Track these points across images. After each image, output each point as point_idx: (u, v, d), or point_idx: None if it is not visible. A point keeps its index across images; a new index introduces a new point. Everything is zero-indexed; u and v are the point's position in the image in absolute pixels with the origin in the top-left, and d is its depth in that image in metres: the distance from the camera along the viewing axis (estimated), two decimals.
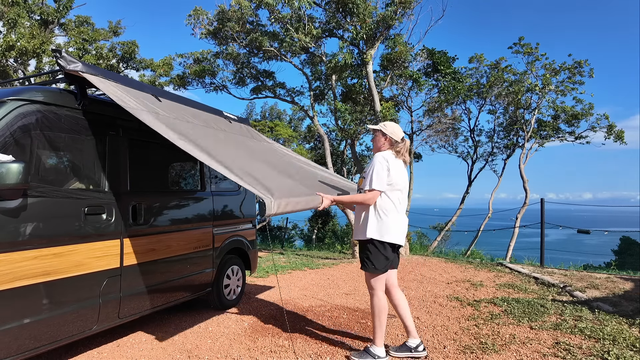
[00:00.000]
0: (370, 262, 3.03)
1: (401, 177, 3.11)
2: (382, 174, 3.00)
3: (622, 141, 13.90)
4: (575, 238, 53.79)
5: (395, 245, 3.09)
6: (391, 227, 3.02)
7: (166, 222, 3.65)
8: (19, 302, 2.45)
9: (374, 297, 3.08)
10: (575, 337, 3.56)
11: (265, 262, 8.09)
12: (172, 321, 4.11)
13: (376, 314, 3.07)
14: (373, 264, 3.02)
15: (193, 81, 11.92)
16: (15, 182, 2.30)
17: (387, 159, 3.05)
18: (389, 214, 3.03)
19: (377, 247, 3.02)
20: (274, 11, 8.95)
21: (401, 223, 3.10)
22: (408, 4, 8.72)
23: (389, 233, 3.01)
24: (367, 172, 3.09)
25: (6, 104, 2.55)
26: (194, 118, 3.67)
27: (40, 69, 12.00)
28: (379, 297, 3.07)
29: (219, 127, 3.98)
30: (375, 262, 3.02)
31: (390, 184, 3.04)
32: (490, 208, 15.59)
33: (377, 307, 3.07)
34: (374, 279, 3.07)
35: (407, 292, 5.38)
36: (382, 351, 3.09)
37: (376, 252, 3.03)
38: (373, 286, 3.08)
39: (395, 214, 3.06)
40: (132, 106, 2.85)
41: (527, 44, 13.66)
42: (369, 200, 3.02)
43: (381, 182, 2.99)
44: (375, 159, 3.07)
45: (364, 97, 11.20)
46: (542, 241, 7.52)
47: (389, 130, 3.17)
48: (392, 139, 3.17)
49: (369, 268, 3.04)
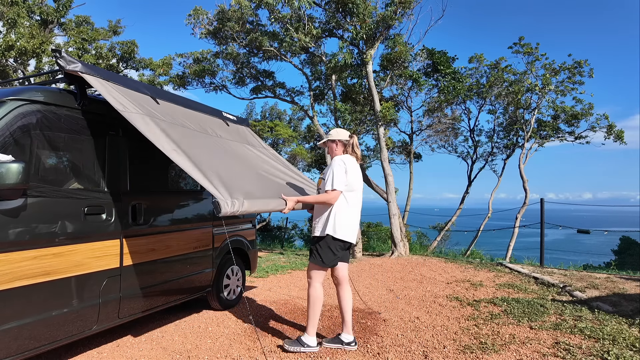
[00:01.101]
0: (319, 255, 3.22)
1: (356, 178, 3.32)
2: (341, 175, 3.20)
3: (622, 141, 13.89)
4: (573, 238, 53.81)
5: (346, 242, 3.27)
6: (344, 226, 3.22)
7: (166, 222, 3.65)
8: (19, 302, 2.44)
9: (311, 287, 3.26)
10: (575, 337, 3.56)
11: (265, 262, 8.09)
12: (172, 321, 4.11)
13: (311, 303, 3.25)
14: (321, 258, 3.21)
15: (193, 81, 11.92)
16: (15, 182, 2.30)
17: (344, 162, 3.26)
18: (343, 213, 3.23)
19: (329, 243, 3.21)
20: (274, 11, 8.95)
21: (354, 222, 3.31)
22: (408, 4, 8.73)
23: (342, 231, 3.21)
24: (326, 173, 3.29)
25: (6, 104, 2.55)
26: (190, 122, 3.68)
27: (40, 68, 12.00)
28: (316, 287, 3.25)
29: (214, 132, 3.98)
30: (324, 256, 3.21)
31: (347, 185, 3.23)
32: (490, 208, 15.59)
33: (313, 297, 3.24)
34: (315, 271, 3.26)
35: (407, 292, 5.38)
36: (313, 340, 3.27)
37: (326, 248, 3.22)
38: (312, 276, 3.27)
39: (349, 214, 3.26)
40: (126, 110, 2.86)
41: (527, 44, 13.66)
42: (331, 200, 3.20)
43: (340, 182, 3.19)
44: (334, 161, 3.28)
45: (363, 97, 11.20)
46: (542, 241, 7.52)
47: (341, 135, 3.41)
48: (341, 141, 3.40)
49: (316, 260, 3.23)
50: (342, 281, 3.40)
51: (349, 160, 3.30)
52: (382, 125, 9.44)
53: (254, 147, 4.59)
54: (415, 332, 3.77)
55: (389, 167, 9.44)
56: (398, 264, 7.66)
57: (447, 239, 17.29)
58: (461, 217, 16.28)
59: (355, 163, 3.36)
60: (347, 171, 3.23)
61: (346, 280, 3.42)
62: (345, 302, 3.38)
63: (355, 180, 3.30)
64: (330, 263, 3.25)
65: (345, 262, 3.41)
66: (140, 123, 2.86)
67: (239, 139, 4.46)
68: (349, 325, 3.38)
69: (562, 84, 13.81)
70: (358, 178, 3.34)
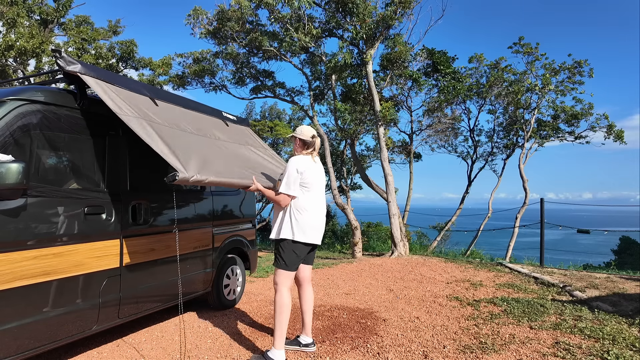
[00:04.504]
0: (282, 259, 3.13)
1: (316, 178, 3.25)
2: (292, 179, 3.15)
3: (622, 141, 13.90)
4: (571, 238, 53.82)
5: (309, 244, 3.20)
6: (305, 227, 3.14)
7: (166, 222, 3.65)
8: (19, 302, 2.45)
9: (277, 293, 3.12)
10: (575, 337, 3.56)
11: (265, 262, 8.09)
12: (172, 321, 4.11)
13: (277, 311, 3.08)
14: (284, 261, 3.12)
15: (192, 81, 11.91)
16: (15, 182, 2.30)
17: (299, 163, 3.19)
18: (303, 213, 3.15)
19: (290, 246, 3.12)
20: (273, 11, 8.94)
21: (316, 222, 3.21)
22: (408, 3, 8.73)
23: (303, 233, 3.12)
24: (283, 175, 3.25)
25: (6, 104, 2.55)
26: (188, 124, 3.69)
27: (40, 68, 11.99)
28: (282, 293, 3.10)
29: (212, 135, 3.98)
30: (287, 259, 3.12)
31: (304, 186, 3.18)
32: (490, 208, 15.59)
33: (279, 304, 3.08)
34: (280, 274, 3.14)
35: (407, 292, 5.38)
36: (281, 354, 3.05)
37: (289, 251, 3.12)
38: (278, 282, 3.14)
39: (309, 214, 3.17)
40: (123, 113, 2.87)
41: (527, 43, 13.66)
42: (279, 203, 3.16)
43: (290, 186, 3.14)
44: (289, 163, 3.23)
45: (363, 97, 11.20)
46: (542, 241, 7.52)
47: (303, 134, 3.35)
48: (303, 139, 3.33)
49: (280, 265, 3.14)
50: (304, 282, 3.37)
51: (304, 161, 3.23)
52: (382, 125, 9.44)
53: (253, 147, 4.59)
54: (415, 332, 3.77)
55: (389, 167, 9.44)
56: (398, 263, 7.66)
57: (447, 239, 17.30)
58: (461, 217, 16.29)
59: (313, 163, 3.28)
60: (303, 173, 3.17)
61: (308, 282, 3.39)
62: (306, 304, 3.35)
63: (313, 179, 3.22)
64: (295, 266, 3.16)
65: (308, 264, 3.38)
66: (137, 126, 2.87)
67: (238, 140, 4.46)
68: (309, 327, 3.35)
69: (562, 83, 13.81)
70: (317, 177, 3.27)
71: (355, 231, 10.02)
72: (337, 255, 10.24)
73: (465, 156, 16.37)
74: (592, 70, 13.42)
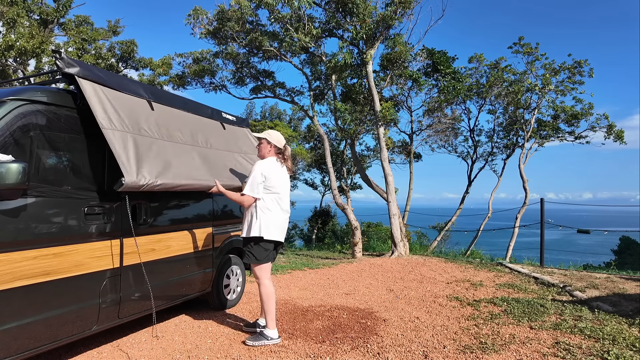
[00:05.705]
0: (252, 254, 3.43)
1: (281, 181, 3.48)
2: (255, 182, 3.38)
3: (622, 141, 13.90)
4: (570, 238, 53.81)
5: (274, 242, 3.47)
6: (270, 226, 3.39)
7: (166, 222, 3.65)
8: (19, 302, 2.44)
9: (261, 285, 3.46)
10: (575, 337, 3.56)
11: None
12: (172, 321, 4.11)
13: (264, 300, 3.43)
14: (254, 256, 3.43)
15: (192, 81, 11.92)
16: (15, 182, 2.30)
17: (264, 167, 3.42)
18: (268, 214, 3.40)
19: (259, 242, 3.41)
20: (273, 11, 8.94)
21: (280, 222, 3.48)
22: (408, 3, 8.73)
23: (268, 231, 3.39)
24: (248, 177, 3.45)
25: (6, 104, 2.55)
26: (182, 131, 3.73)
27: (40, 68, 11.99)
28: (265, 284, 3.45)
29: (204, 142, 4.01)
30: (257, 254, 3.42)
31: (268, 188, 3.40)
32: (490, 208, 15.60)
33: (265, 294, 3.43)
34: (259, 269, 3.47)
35: (407, 292, 5.38)
36: (275, 333, 3.45)
37: (258, 247, 3.42)
38: (258, 275, 3.47)
39: (274, 214, 3.42)
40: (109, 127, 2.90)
41: (527, 43, 13.67)
42: (243, 203, 3.43)
43: (253, 189, 3.38)
44: (254, 167, 3.44)
45: (363, 97, 11.20)
46: (542, 241, 7.52)
47: (274, 139, 3.54)
48: (276, 146, 3.55)
49: (251, 260, 3.44)
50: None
51: (270, 164, 3.46)
52: (382, 125, 9.44)
53: (242, 152, 4.60)
54: (415, 332, 3.77)
55: (389, 167, 9.44)
56: (398, 263, 7.66)
57: (447, 239, 17.31)
58: (461, 217, 16.29)
59: (279, 166, 3.50)
60: (268, 176, 3.39)
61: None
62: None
63: (279, 182, 3.45)
64: (265, 259, 3.44)
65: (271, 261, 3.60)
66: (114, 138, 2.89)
67: (228, 145, 4.44)
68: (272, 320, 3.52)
69: (562, 83, 13.82)
70: (282, 181, 3.49)
71: (356, 231, 10.03)
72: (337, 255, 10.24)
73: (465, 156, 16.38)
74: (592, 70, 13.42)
